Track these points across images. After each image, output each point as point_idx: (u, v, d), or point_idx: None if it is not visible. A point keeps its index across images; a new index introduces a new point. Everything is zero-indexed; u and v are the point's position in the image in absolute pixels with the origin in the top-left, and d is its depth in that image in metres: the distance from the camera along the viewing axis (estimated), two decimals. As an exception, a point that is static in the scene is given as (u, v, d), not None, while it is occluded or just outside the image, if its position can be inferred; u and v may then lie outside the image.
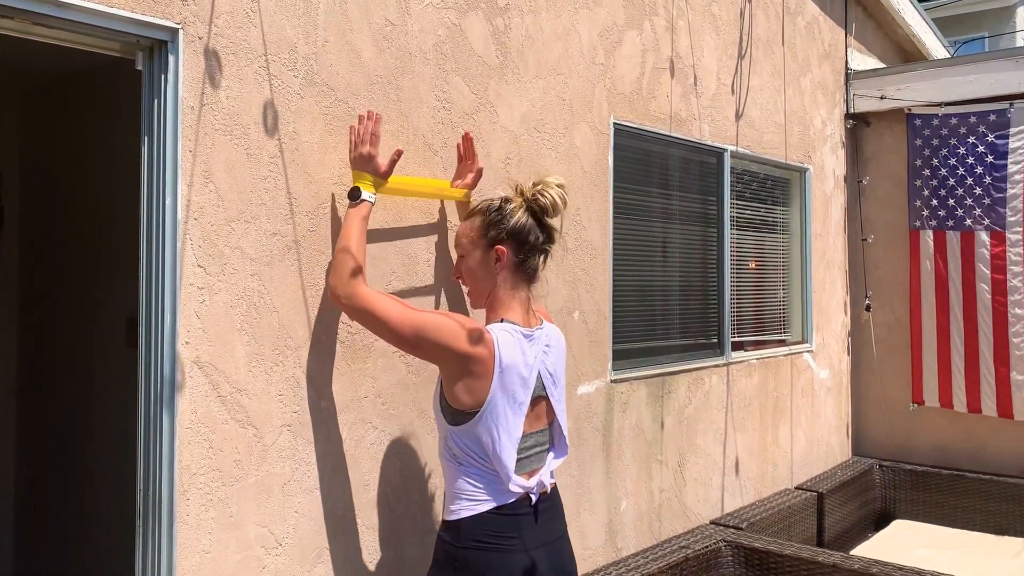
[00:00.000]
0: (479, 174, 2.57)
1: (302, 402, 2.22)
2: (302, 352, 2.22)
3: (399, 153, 2.25)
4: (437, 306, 2.60)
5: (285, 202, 2.19)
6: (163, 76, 1.96)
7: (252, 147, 2.11)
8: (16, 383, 4.21)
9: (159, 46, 1.97)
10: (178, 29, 1.96)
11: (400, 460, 2.48)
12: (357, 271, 2.11)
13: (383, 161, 2.23)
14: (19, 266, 4.23)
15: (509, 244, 2.15)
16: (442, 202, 2.62)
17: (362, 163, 2.21)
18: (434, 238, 2.60)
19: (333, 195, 2.31)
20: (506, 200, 2.20)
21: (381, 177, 2.23)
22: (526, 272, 2.18)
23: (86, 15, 1.82)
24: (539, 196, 2.16)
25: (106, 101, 3.68)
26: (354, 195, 2.20)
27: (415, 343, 2.07)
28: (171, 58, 1.96)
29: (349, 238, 2.14)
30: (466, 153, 2.59)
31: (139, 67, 2.00)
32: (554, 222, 2.22)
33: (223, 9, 2.05)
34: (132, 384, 2.11)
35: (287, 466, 2.18)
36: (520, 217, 2.16)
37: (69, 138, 3.91)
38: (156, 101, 1.97)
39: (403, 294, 2.50)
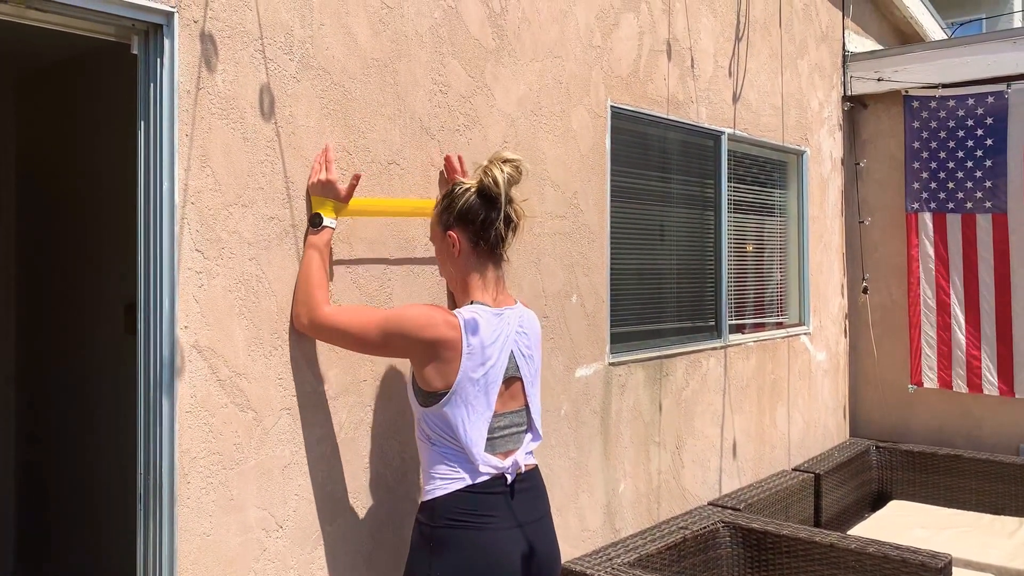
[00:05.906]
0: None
1: (301, 386, 2.23)
2: (301, 336, 2.22)
3: (357, 178, 2.27)
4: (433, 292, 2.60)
5: (282, 186, 2.19)
6: (159, 60, 1.96)
7: (249, 131, 2.11)
8: (15, 369, 4.22)
9: (155, 30, 1.96)
10: (173, 13, 1.95)
11: (399, 443, 2.50)
12: (320, 298, 2.16)
13: (342, 187, 2.25)
14: (16, 253, 4.23)
15: (460, 228, 2.15)
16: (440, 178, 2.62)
17: (321, 189, 2.24)
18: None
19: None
20: (457, 184, 2.19)
21: (342, 201, 2.26)
22: (485, 252, 2.17)
23: (81, -1, 1.81)
24: (483, 175, 2.14)
25: (102, 87, 3.67)
26: (315, 221, 2.23)
27: (383, 343, 2.11)
28: (167, 42, 1.95)
29: (311, 266, 2.19)
30: (453, 169, 2.58)
31: (135, 51, 1.99)
32: (516, 196, 2.17)
33: (218, -8, 2.04)
34: (130, 370, 2.11)
35: (287, 449, 2.19)
36: (467, 199, 2.14)
37: (66, 124, 3.90)
38: (152, 85, 1.97)
39: (400, 277, 2.50)
